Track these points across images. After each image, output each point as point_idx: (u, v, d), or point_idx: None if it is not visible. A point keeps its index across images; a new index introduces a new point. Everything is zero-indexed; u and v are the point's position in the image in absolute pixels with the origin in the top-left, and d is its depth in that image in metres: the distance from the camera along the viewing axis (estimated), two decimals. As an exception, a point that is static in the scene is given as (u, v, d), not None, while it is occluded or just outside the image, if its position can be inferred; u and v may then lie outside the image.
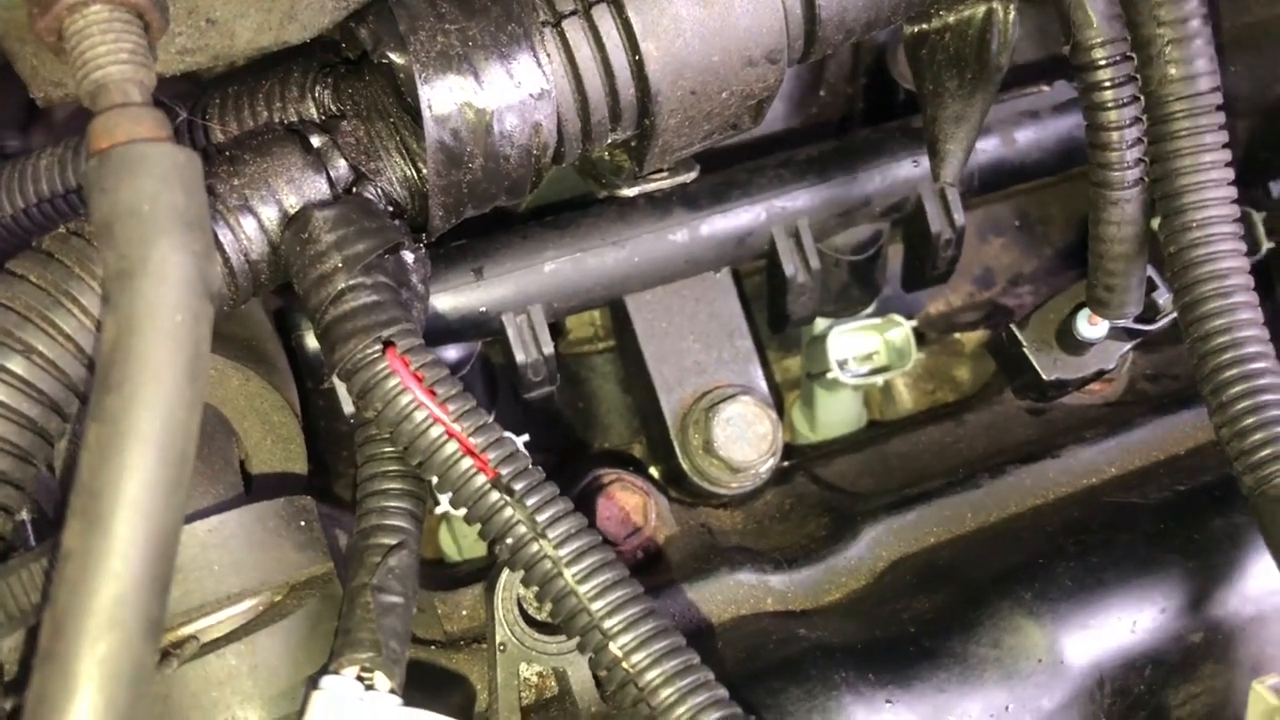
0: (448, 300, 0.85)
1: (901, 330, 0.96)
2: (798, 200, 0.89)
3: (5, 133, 1.20)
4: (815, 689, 0.66)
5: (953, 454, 0.91)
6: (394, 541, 0.63)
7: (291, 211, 0.65)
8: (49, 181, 0.75)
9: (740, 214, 0.89)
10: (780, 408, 0.98)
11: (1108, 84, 0.69)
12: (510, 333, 0.86)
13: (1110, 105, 0.69)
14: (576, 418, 1.01)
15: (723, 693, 0.60)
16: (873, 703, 0.66)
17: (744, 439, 0.87)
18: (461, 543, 0.97)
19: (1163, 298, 0.81)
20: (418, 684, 0.62)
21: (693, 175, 0.85)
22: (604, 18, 0.68)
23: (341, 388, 0.83)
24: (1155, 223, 0.72)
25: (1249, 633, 0.70)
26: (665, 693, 0.59)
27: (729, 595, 0.79)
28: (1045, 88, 0.95)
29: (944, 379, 1.06)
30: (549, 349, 0.86)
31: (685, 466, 0.89)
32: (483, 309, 0.86)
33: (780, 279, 0.91)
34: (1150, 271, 0.78)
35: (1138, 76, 0.69)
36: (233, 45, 0.63)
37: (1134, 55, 0.69)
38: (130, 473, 0.47)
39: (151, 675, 0.47)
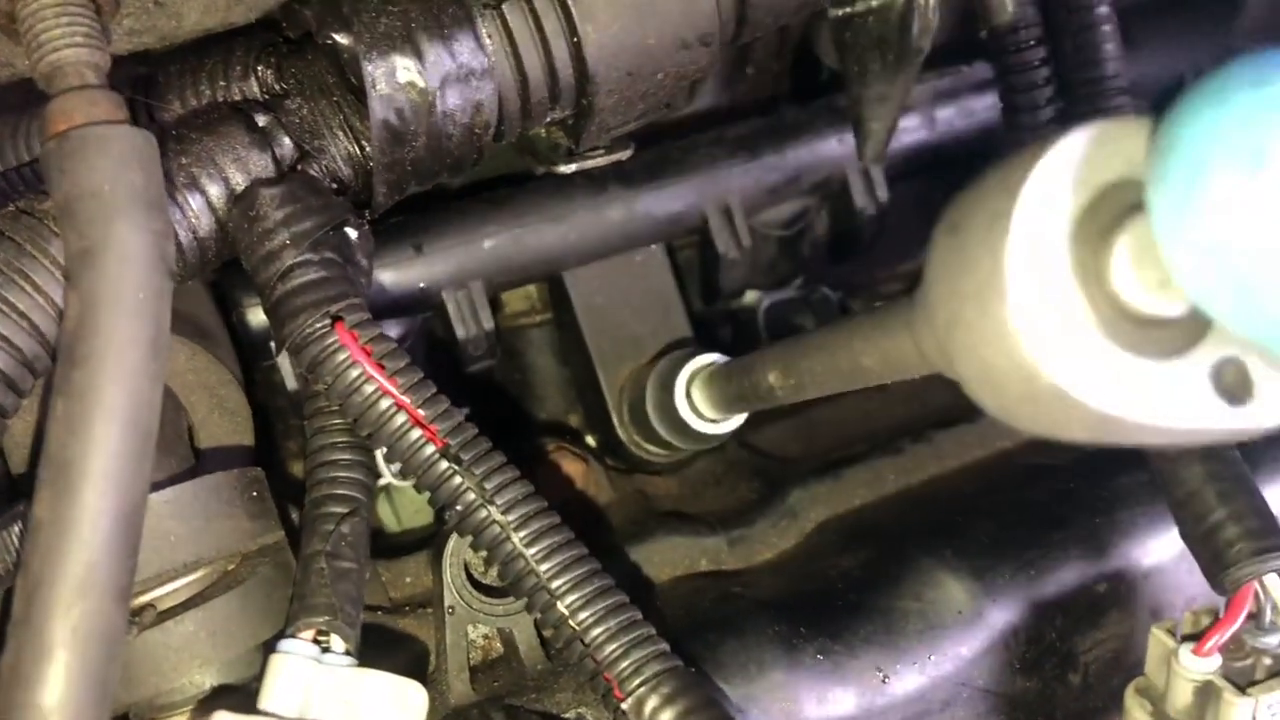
0: (388, 276, 0.87)
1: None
2: (730, 178, 0.92)
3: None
4: (750, 642, 0.70)
5: (876, 420, 0.95)
6: (346, 510, 0.65)
7: (238, 189, 0.66)
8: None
9: (674, 192, 0.92)
10: (713, 377, 1.01)
11: (1019, 67, 0.73)
12: (451, 308, 0.88)
13: (1023, 89, 0.73)
14: (514, 389, 1.03)
15: (664, 646, 0.63)
16: (803, 654, 0.70)
17: (679, 407, 0.90)
18: (401, 514, 0.99)
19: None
20: (371, 647, 0.65)
21: (628, 153, 0.87)
22: (543, 1, 0.70)
23: (284, 363, 0.85)
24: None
25: (1150, 581, 0.75)
26: (610, 647, 0.62)
27: (666, 557, 0.83)
28: (964, 68, 0.99)
29: (868, 348, 1.10)
30: (489, 324, 0.88)
31: (623, 436, 0.92)
32: (423, 285, 0.87)
33: (713, 254, 0.94)
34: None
35: (1049, 60, 0.73)
36: (180, 26, 0.64)
37: (1046, 41, 0.73)
38: (98, 444, 0.49)
39: (123, 639, 0.49)
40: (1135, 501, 0.77)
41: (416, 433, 0.63)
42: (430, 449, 0.63)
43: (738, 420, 0.81)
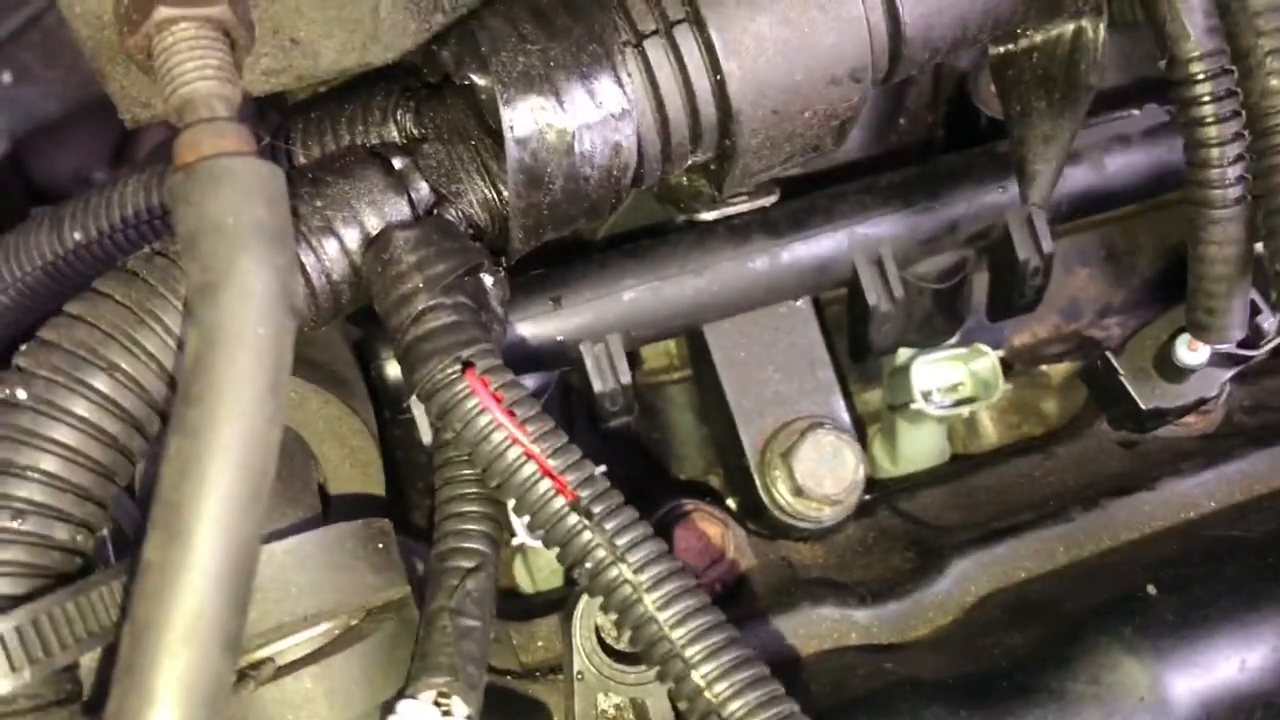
0: (526, 329, 0.85)
1: (988, 360, 0.94)
2: (881, 226, 0.88)
3: (94, 164, 1.23)
4: (905, 724, 0.64)
5: (1042, 487, 0.88)
6: (472, 564, 0.62)
7: (373, 233, 0.65)
8: (134, 206, 0.76)
9: (822, 241, 0.87)
10: (863, 439, 0.96)
11: (1207, 98, 0.66)
12: (588, 362, 0.85)
13: (1210, 120, 0.67)
14: (652, 448, 1.00)
15: (809, 724, 0.58)
16: (965, 740, 0.64)
17: (827, 471, 0.85)
18: (536, 576, 0.96)
19: (1267, 322, 0.78)
20: (495, 712, 0.61)
21: (773, 199, 0.84)
22: (686, 37, 0.67)
23: (420, 416, 0.83)
24: (1259, 245, 0.70)
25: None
26: (749, 724, 0.57)
27: (812, 630, 0.77)
28: (1135, 112, 0.93)
29: (1030, 412, 1.03)
30: (627, 378, 0.85)
31: (765, 499, 0.87)
32: (560, 338, 0.85)
33: (862, 308, 0.89)
34: (1254, 294, 0.75)
35: (1238, 90, 0.67)
36: (316, 66, 0.63)
37: (1234, 68, 0.66)
38: (210, 486, 0.47)
39: (228, 690, 0.47)
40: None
41: (546, 483, 0.60)
42: (560, 501, 0.60)
43: None
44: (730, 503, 0.94)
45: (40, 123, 1.25)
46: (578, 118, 0.66)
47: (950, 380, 0.95)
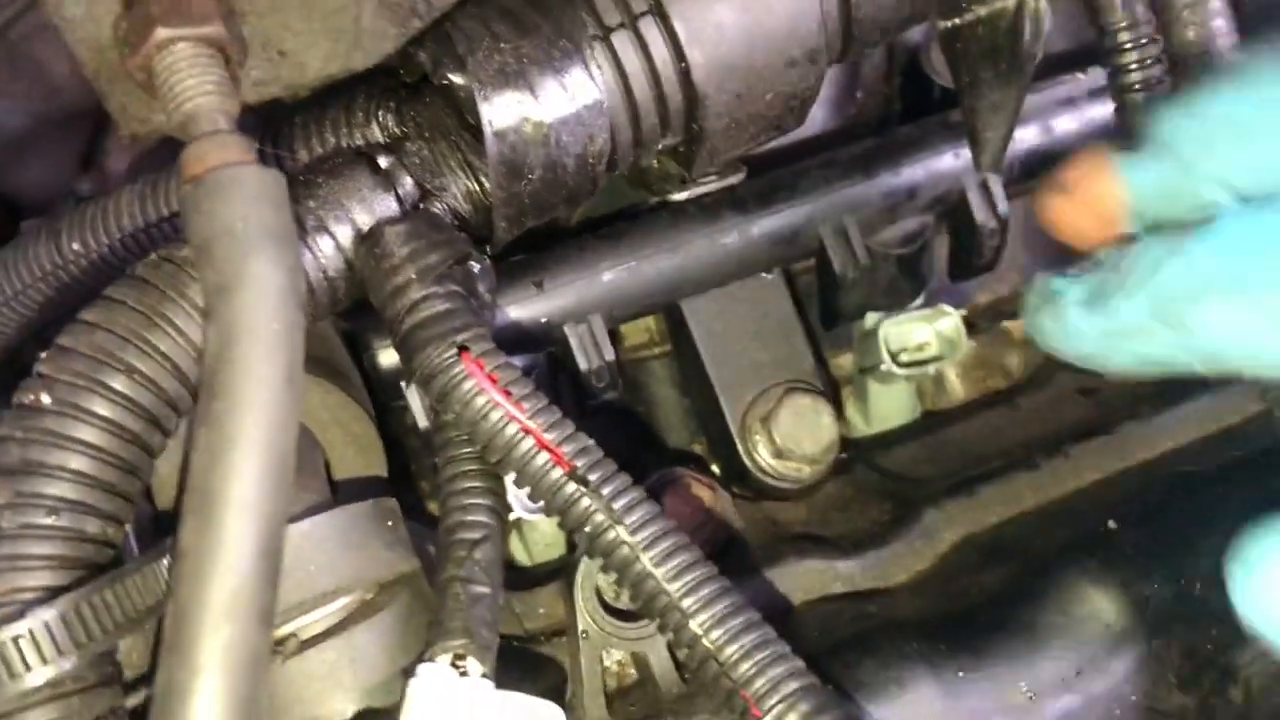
0: (511, 313, 0.88)
1: (951, 320, 0.97)
2: (844, 198, 0.92)
3: (62, 176, 1.25)
4: (889, 661, 0.68)
5: (1009, 437, 0.93)
6: (478, 536, 0.66)
7: (364, 230, 0.69)
8: (130, 217, 0.79)
9: (789, 214, 0.91)
10: (837, 401, 1.00)
11: (1134, 66, 0.71)
12: (573, 342, 0.88)
13: (1138, 87, 0.71)
14: (637, 421, 1.04)
15: (800, 664, 0.62)
16: (946, 672, 0.68)
17: (805, 433, 0.89)
18: (532, 549, 1.00)
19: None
20: (506, 672, 0.65)
21: (740, 177, 0.88)
22: (650, 28, 0.71)
23: (414, 402, 0.87)
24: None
25: (1313, 586, 0.71)
26: (744, 666, 0.61)
27: (798, 581, 0.81)
28: (1080, 75, 0.97)
29: (994, 367, 1.07)
30: (611, 356, 0.89)
31: (748, 463, 0.91)
32: (544, 320, 0.88)
33: (830, 276, 0.93)
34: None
35: (1163, 59, 0.71)
36: (304, 75, 0.67)
37: (1159, 37, 0.71)
38: (238, 472, 0.51)
39: (268, 662, 0.51)
40: (1291, 504, 0.73)
41: (544, 456, 0.64)
42: (558, 472, 0.64)
43: None
44: (714, 469, 0.98)
45: (8, 136, 1.26)
46: (553, 110, 0.69)
47: (917, 340, 0.99)
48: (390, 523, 0.69)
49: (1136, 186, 0.61)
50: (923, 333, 0.99)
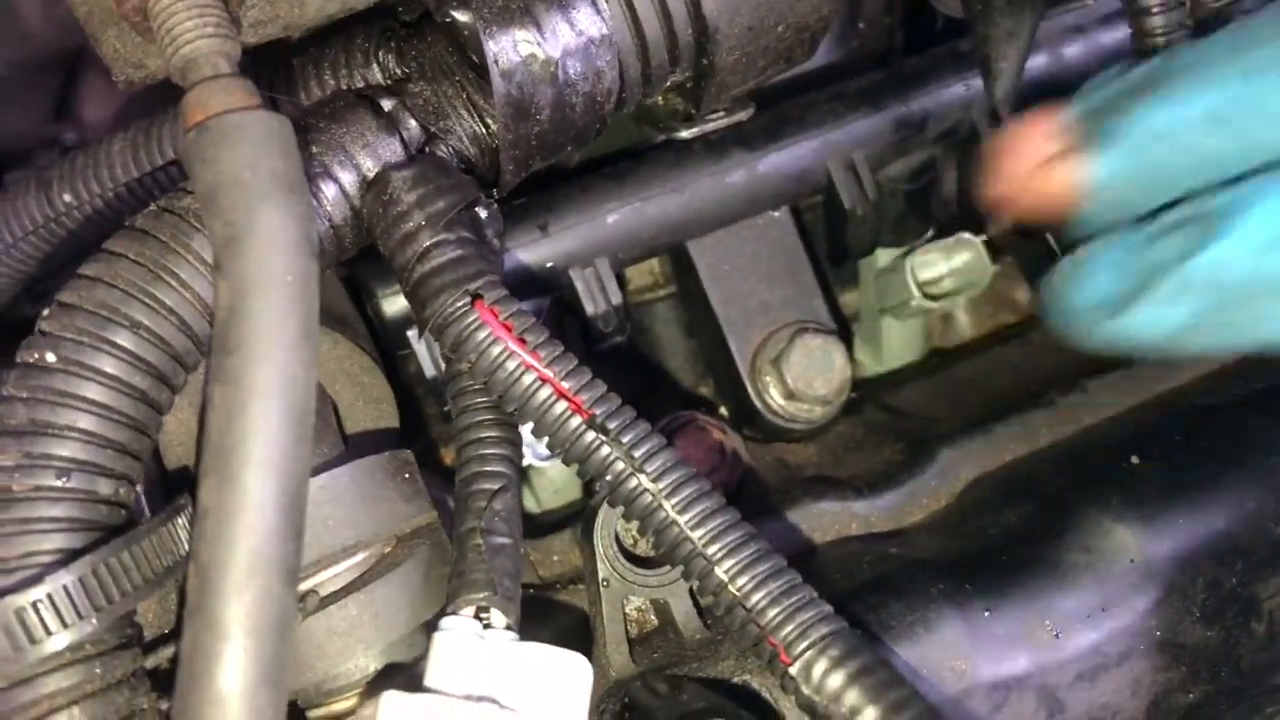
0: (516, 257, 0.86)
1: (974, 247, 0.95)
2: (852, 132, 0.90)
3: (35, 125, 1.21)
4: (915, 602, 0.67)
5: (1022, 373, 0.92)
6: (496, 486, 0.64)
7: (370, 175, 0.67)
8: (124, 167, 0.77)
9: (796, 150, 0.89)
10: (847, 340, 0.98)
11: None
12: (579, 286, 0.87)
13: (1156, 10, 0.69)
14: (645, 366, 1.02)
15: (828, 609, 0.62)
16: (971, 611, 0.67)
17: (817, 373, 0.88)
18: (540, 496, 0.99)
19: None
20: (528, 621, 0.64)
21: (749, 113, 0.86)
22: (659, -40, 0.68)
23: (422, 351, 0.85)
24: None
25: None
26: (773, 612, 0.61)
27: (814, 523, 0.81)
28: (1090, 1, 0.95)
29: (1002, 302, 1.06)
30: (618, 299, 0.88)
31: (758, 404, 0.90)
32: (550, 264, 0.87)
33: (839, 212, 0.91)
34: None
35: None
36: (303, 14, 0.64)
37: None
38: (256, 428, 0.49)
39: (294, 619, 0.50)
40: (1316, 435, 0.73)
41: (562, 405, 0.63)
42: (577, 420, 0.63)
43: None
44: (723, 411, 0.97)
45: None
46: (559, 46, 0.67)
47: (940, 271, 0.96)
48: (407, 475, 0.68)
49: (1107, 179, 0.60)
50: (950, 262, 0.96)
